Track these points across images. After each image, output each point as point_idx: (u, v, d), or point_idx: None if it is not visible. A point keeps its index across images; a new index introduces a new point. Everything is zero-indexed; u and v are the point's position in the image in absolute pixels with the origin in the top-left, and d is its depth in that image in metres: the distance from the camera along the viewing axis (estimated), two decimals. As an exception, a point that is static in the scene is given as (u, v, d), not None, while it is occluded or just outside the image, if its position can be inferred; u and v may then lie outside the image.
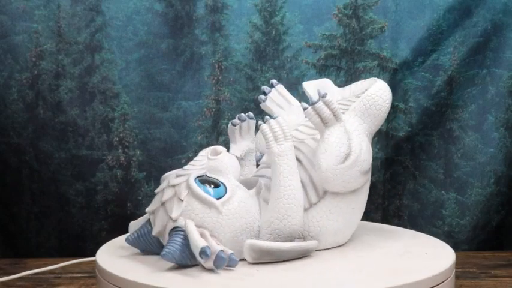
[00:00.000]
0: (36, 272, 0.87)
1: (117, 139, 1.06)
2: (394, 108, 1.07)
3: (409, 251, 0.66)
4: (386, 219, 1.08)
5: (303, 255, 0.62)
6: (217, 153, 0.62)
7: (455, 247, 0.71)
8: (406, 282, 0.56)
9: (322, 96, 0.63)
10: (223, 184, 0.60)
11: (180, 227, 0.58)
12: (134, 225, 0.65)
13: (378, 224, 0.84)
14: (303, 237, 0.63)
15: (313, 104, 0.63)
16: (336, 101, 0.67)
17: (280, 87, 0.74)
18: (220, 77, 1.06)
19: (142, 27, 1.05)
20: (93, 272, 0.66)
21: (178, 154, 1.06)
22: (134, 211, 1.06)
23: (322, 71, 1.06)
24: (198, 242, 0.56)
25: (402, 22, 1.06)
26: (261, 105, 0.73)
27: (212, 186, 0.60)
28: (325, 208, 0.64)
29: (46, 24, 1.03)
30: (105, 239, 0.74)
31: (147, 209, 0.62)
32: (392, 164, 1.08)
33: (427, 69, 1.07)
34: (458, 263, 0.66)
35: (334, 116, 0.63)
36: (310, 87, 0.70)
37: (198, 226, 0.58)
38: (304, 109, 0.63)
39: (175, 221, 0.59)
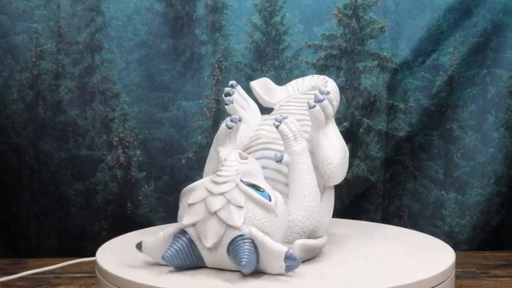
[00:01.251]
0: (36, 272, 0.87)
1: (117, 139, 1.06)
2: (394, 108, 1.07)
3: (409, 251, 0.66)
4: (386, 219, 1.08)
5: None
6: (244, 157, 0.61)
7: (455, 247, 0.71)
8: (406, 282, 0.56)
9: (326, 94, 0.64)
10: (263, 187, 0.60)
11: (244, 235, 0.56)
12: (153, 243, 0.60)
13: (378, 224, 0.84)
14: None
15: (320, 101, 0.64)
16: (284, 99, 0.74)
17: (240, 88, 0.73)
18: (220, 77, 1.06)
19: (142, 27, 1.05)
20: (93, 272, 0.66)
21: (178, 154, 1.06)
22: (134, 211, 1.06)
23: (322, 71, 1.06)
24: (278, 247, 0.56)
25: (402, 22, 1.06)
26: (226, 107, 0.70)
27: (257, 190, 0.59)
28: (325, 203, 0.65)
29: (46, 24, 1.03)
30: (105, 239, 0.74)
31: (184, 223, 0.58)
32: (392, 164, 1.08)
33: (427, 69, 1.07)
34: (458, 263, 0.66)
35: (333, 112, 0.66)
36: (258, 85, 0.75)
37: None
38: (313, 107, 0.63)
39: (238, 229, 0.56)
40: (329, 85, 0.74)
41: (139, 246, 0.60)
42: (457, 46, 1.06)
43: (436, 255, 0.65)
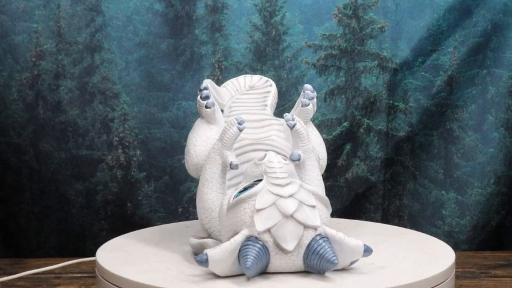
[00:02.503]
0: (36, 272, 0.87)
1: (117, 139, 1.06)
2: (394, 108, 1.07)
3: (409, 251, 0.66)
4: (386, 219, 1.08)
5: None
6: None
7: (455, 247, 0.71)
8: (406, 282, 0.56)
9: (312, 91, 0.68)
10: None
11: (320, 234, 0.56)
12: (220, 255, 0.56)
13: (378, 224, 0.84)
14: None
15: (312, 99, 0.67)
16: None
17: (211, 82, 0.73)
18: (220, 77, 1.06)
19: (142, 27, 1.05)
20: (93, 272, 0.66)
21: (178, 154, 1.06)
22: (134, 211, 1.06)
23: (322, 71, 1.06)
24: (355, 241, 0.57)
25: (402, 22, 1.06)
26: (208, 110, 0.67)
27: None
28: None
29: (46, 24, 1.03)
30: (105, 239, 0.74)
31: (259, 229, 0.55)
32: (392, 164, 1.08)
33: (427, 69, 1.07)
34: (458, 263, 0.66)
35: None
36: (211, 85, 0.73)
37: None
38: (307, 105, 0.67)
39: (316, 229, 0.56)
40: (273, 85, 0.76)
41: (203, 260, 0.55)
42: (457, 46, 1.06)
43: (436, 255, 0.65)
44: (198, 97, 0.67)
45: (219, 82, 1.04)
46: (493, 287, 0.86)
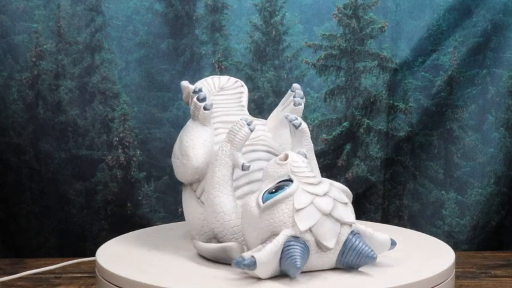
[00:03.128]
0: (36, 272, 0.87)
1: (117, 139, 1.06)
2: (394, 108, 1.07)
3: (409, 251, 0.66)
4: (386, 219, 1.08)
5: None
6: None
7: (455, 247, 0.71)
8: (406, 282, 0.56)
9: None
10: None
11: (354, 230, 0.58)
12: (266, 257, 0.54)
13: (378, 224, 0.84)
14: None
15: (303, 98, 0.69)
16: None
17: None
18: (220, 77, 1.06)
19: (142, 27, 1.05)
20: (93, 272, 0.66)
21: (178, 154, 1.06)
22: (134, 211, 1.06)
23: (322, 71, 1.06)
24: (382, 235, 0.59)
25: (402, 22, 1.06)
26: (206, 112, 0.66)
27: None
28: None
29: (46, 24, 1.03)
30: (105, 239, 0.74)
31: (302, 228, 0.55)
32: (392, 164, 1.08)
33: (427, 69, 1.07)
34: (458, 263, 0.66)
35: None
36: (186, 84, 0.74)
37: None
38: (300, 104, 0.69)
39: (350, 225, 0.58)
40: (244, 85, 0.76)
41: (251, 263, 0.54)
42: (457, 46, 1.07)
43: (436, 255, 0.65)
44: (194, 99, 0.66)
45: (219, 82, 1.04)
46: (493, 287, 0.86)
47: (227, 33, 1.06)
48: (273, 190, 0.57)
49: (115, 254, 0.66)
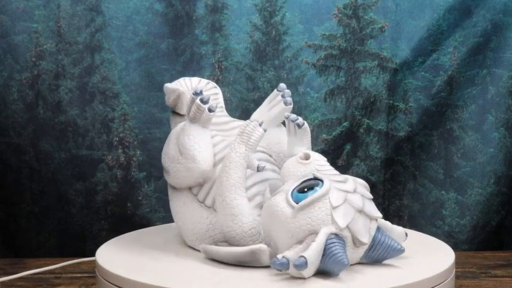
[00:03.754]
0: (36, 272, 0.87)
1: (117, 139, 1.06)
2: (394, 108, 1.07)
3: (409, 251, 0.66)
4: (386, 219, 1.07)
5: None
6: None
7: (455, 247, 0.71)
8: (406, 282, 0.56)
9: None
10: None
11: (378, 225, 0.60)
12: (315, 256, 0.55)
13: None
14: None
15: (290, 96, 0.69)
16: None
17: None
18: (220, 77, 1.06)
19: (142, 27, 1.05)
20: (93, 272, 0.66)
21: (178, 154, 1.06)
22: (134, 211, 1.06)
23: (322, 71, 1.06)
24: (398, 228, 0.63)
25: (402, 22, 1.06)
26: (211, 113, 0.65)
27: None
28: None
29: (46, 24, 1.03)
30: (105, 239, 0.74)
31: (342, 225, 0.56)
32: (392, 164, 1.08)
33: (427, 69, 1.07)
34: (458, 263, 0.66)
35: None
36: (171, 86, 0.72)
37: None
38: (291, 103, 0.69)
39: (376, 220, 0.60)
40: (218, 87, 0.75)
41: (303, 264, 0.54)
42: (457, 46, 1.07)
43: (436, 255, 0.65)
44: (197, 101, 0.64)
45: (218, 82, 1.04)
46: (493, 287, 0.86)
47: (227, 33, 1.06)
48: (304, 190, 0.58)
49: (115, 254, 0.66)
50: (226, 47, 1.06)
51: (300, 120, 0.65)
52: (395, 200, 1.09)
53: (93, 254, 0.67)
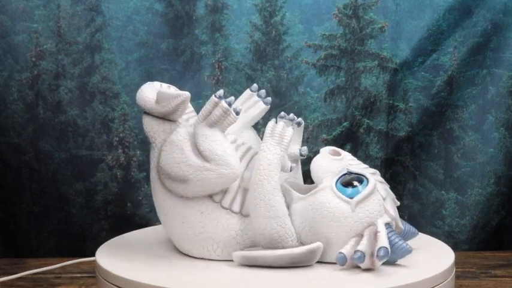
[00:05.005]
0: (36, 272, 0.87)
1: (117, 139, 1.06)
2: (394, 108, 1.07)
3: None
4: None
5: None
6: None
7: (455, 247, 0.71)
8: (406, 282, 0.56)
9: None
10: None
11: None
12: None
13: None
14: None
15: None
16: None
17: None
18: (220, 77, 1.06)
19: (142, 27, 1.05)
20: (93, 272, 0.66)
21: (178, 154, 1.06)
22: (134, 211, 1.06)
23: (322, 71, 1.06)
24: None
25: (402, 22, 1.06)
26: (237, 116, 0.64)
27: None
28: None
29: (46, 24, 1.03)
30: (105, 239, 0.74)
31: (393, 214, 0.61)
32: (392, 164, 1.08)
33: (427, 69, 1.07)
34: (458, 263, 0.66)
35: None
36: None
37: None
38: (269, 103, 0.70)
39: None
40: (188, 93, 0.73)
41: (386, 254, 0.57)
42: (457, 46, 1.06)
43: (436, 255, 0.65)
44: (223, 103, 0.62)
45: (219, 82, 1.05)
46: (493, 287, 0.86)
47: (227, 33, 1.06)
48: (353, 184, 0.61)
49: (115, 254, 0.66)
50: (226, 47, 1.06)
51: (300, 119, 0.66)
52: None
53: (93, 254, 0.67)
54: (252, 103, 0.70)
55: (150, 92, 0.66)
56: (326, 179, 0.61)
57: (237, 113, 0.63)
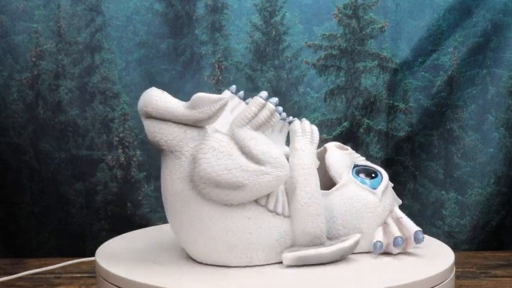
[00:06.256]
0: (36, 272, 0.87)
1: (117, 139, 1.06)
2: (394, 108, 1.07)
3: (409, 251, 0.66)
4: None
5: None
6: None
7: (455, 247, 0.71)
8: (406, 282, 0.56)
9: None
10: None
11: None
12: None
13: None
14: None
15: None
16: None
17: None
18: (220, 77, 1.06)
19: (142, 27, 1.05)
20: (93, 272, 0.66)
21: (178, 154, 1.06)
22: (134, 211, 1.06)
23: (322, 71, 1.06)
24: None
25: (402, 22, 1.06)
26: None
27: None
28: None
29: (46, 24, 1.03)
30: (105, 239, 0.74)
31: (399, 200, 0.70)
32: (392, 164, 1.08)
33: (427, 69, 1.07)
34: (458, 263, 0.66)
35: None
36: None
37: None
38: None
39: None
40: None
41: (421, 237, 0.64)
42: (457, 46, 1.07)
43: (436, 255, 0.65)
44: (270, 105, 0.60)
45: (219, 82, 1.05)
46: (493, 287, 0.86)
47: (227, 33, 1.06)
48: (372, 175, 0.66)
49: (115, 254, 0.65)
50: (226, 47, 1.06)
51: (292, 118, 0.65)
52: (395, 200, 1.09)
53: (93, 254, 0.67)
54: (236, 103, 0.68)
55: (171, 98, 0.62)
56: (345, 174, 0.64)
57: (280, 114, 0.62)
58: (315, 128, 0.64)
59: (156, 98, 0.62)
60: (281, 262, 0.60)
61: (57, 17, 1.04)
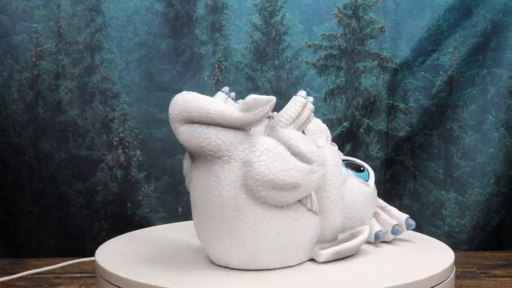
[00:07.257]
0: (36, 272, 0.87)
1: (117, 139, 1.06)
2: (394, 108, 1.07)
3: (409, 251, 0.66)
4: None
5: None
6: None
7: (455, 247, 0.71)
8: (406, 282, 0.56)
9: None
10: None
11: None
12: None
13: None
14: None
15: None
16: None
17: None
18: (220, 77, 1.06)
19: (142, 27, 1.05)
20: (93, 272, 0.66)
21: (178, 154, 1.06)
22: (134, 211, 1.06)
23: (322, 71, 1.06)
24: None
25: (402, 22, 1.06)
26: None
27: None
28: None
29: (46, 24, 1.03)
30: (105, 239, 0.74)
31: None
32: (392, 164, 1.08)
33: (427, 69, 1.07)
34: (458, 263, 0.66)
35: None
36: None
37: None
38: None
39: None
40: None
41: (412, 224, 0.69)
42: (457, 46, 1.06)
43: (436, 255, 0.65)
44: (309, 104, 0.60)
45: (219, 82, 1.05)
46: (493, 287, 0.86)
47: (227, 33, 1.06)
48: (361, 169, 0.69)
49: (115, 254, 0.65)
50: (226, 47, 1.06)
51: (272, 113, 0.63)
52: (395, 200, 1.09)
53: (93, 254, 0.67)
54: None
55: (212, 100, 0.59)
56: (342, 169, 0.65)
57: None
58: (327, 127, 0.66)
59: (200, 102, 0.59)
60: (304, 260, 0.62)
61: (57, 17, 1.04)
